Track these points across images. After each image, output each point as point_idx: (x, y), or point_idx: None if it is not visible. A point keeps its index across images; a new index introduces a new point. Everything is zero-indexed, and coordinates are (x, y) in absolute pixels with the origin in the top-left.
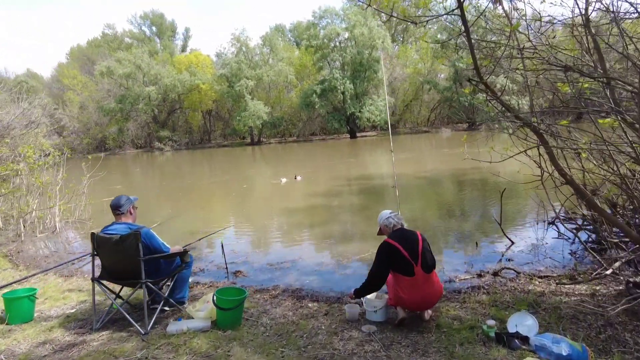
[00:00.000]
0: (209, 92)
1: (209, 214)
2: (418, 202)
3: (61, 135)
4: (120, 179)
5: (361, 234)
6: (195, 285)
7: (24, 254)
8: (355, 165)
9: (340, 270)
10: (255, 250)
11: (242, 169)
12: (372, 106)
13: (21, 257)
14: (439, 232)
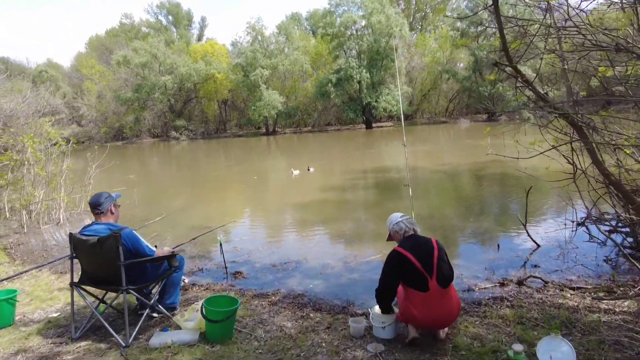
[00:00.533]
0: (224, 81)
1: (216, 208)
2: (434, 199)
3: (80, 125)
4: (136, 168)
5: (372, 234)
6: (191, 287)
7: (23, 247)
8: (370, 157)
9: (347, 274)
10: (258, 248)
11: (256, 160)
12: (389, 96)
13: (20, 251)
14: (456, 232)
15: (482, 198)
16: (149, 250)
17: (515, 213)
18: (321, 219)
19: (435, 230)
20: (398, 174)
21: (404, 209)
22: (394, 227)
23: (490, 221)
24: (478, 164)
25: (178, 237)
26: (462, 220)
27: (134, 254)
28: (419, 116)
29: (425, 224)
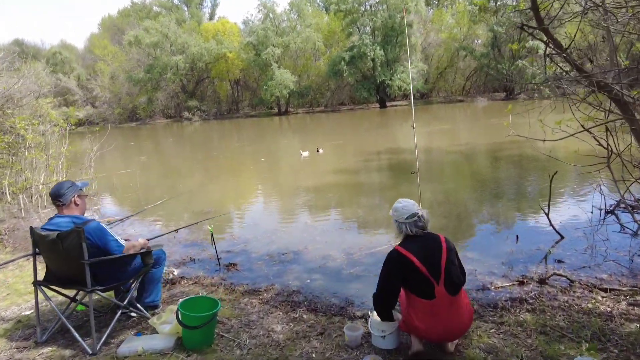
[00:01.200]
0: (235, 60)
1: (219, 192)
2: (447, 182)
3: (94, 106)
4: (149, 150)
5: (381, 222)
6: (180, 281)
7: (18, 233)
8: (383, 138)
9: (349, 267)
10: (257, 237)
11: (267, 141)
12: (404, 73)
13: (14, 237)
14: (470, 219)
15: (499, 182)
16: (117, 245)
17: (535, 199)
18: (328, 204)
19: (447, 217)
20: (411, 155)
21: (416, 195)
22: (396, 224)
23: (508, 208)
24: (495, 144)
25: (173, 223)
26: (477, 206)
27: (101, 250)
28: (434, 95)
29: (436, 210)
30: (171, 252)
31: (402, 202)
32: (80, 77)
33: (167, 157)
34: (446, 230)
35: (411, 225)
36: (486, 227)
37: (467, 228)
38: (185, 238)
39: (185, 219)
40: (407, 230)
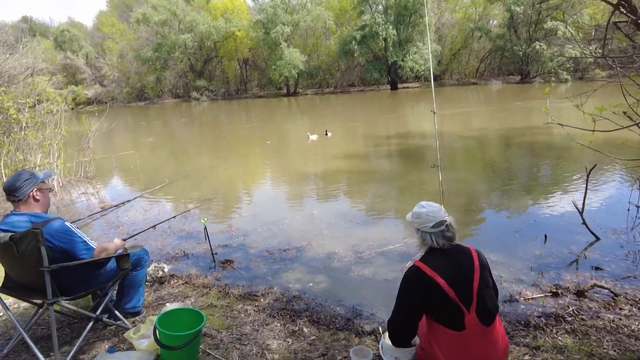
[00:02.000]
0: (244, 39)
1: (222, 176)
2: (464, 171)
3: (102, 85)
4: (160, 129)
5: (393, 215)
6: (169, 280)
7: None
8: (394, 121)
9: (358, 268)
10: (257, 229)
11: (274, 122)
12: (417, 54)
13: None
14: (490, 215)
15: (522, 172)
16: (85, 248)
17: (565, 193)
18: (336, 193)
19: (464, 212)
20: (424, 140)
21: (431, 189)
22: (419, 234)
23: (533, 202)
24: (516, 130)
25: (171, 210)
26: (498, 199)
27: (68, 254)
28: (447, 77)
29: (450, 203)
30: (164, 244)
31: (426, 207)
32: (89, 55)
33: (177, 137)
34: (464, 226)
35: (437, 236)
36: (509, 224)
37: (487, 225)
38: (180, 228)
39: (182, 205)
40: (433, 242)
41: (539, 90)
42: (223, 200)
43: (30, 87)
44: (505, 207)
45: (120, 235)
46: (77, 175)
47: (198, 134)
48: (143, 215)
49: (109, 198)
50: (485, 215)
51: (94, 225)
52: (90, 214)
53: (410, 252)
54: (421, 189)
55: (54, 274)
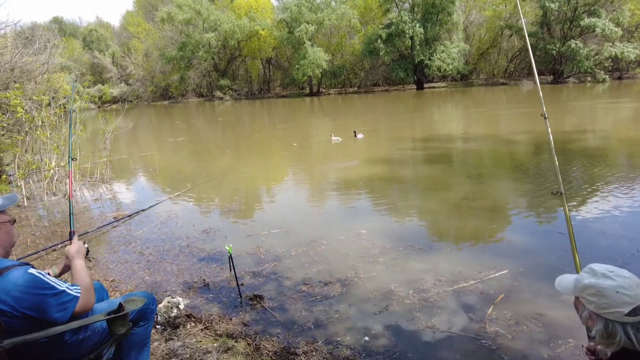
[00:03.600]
0: (268, 38)
1: (243, 182)
2: (494, 182)
3: (127, 83)
4: (182, 128)
5: (461, 238)
6: (185, 322)
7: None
8: (421, 122)
9: (425, 315)
10: (289, 251)
11: (298, 123)
12: (444, 53)
13: None
14: (531, 239)
15: (568, 181)
16: (59, 309)
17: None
18: (384, 207)
19: (496, 229)
20: (454, 144)
21: (481, 194)
22: (604, 325)
23: (582, 228)
24: (560, 134)
25: (194, 225)
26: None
27: (32, 318)
28: (475, 77)
29: (478, 217)
30: (181, 269)
31: (615, 278)
32: (115, 54)
33: (208, 138)
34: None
35: (637, 329)
36: (558, 256)
37: (528, 255)
38: (201, 248)
39: (204, 217)
40: (630, 341)
41: (575, 91)
42: (249, 212)
43: (47, 84)
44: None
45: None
46: (93, 179)
47: (223, 134)
48: (159, 229)
49: (125, 204)
50: (522, 241)
51: (103, 240)
52: (101, 225)
53: (490, 292)
54: (487, 205)
55: (7, 353)
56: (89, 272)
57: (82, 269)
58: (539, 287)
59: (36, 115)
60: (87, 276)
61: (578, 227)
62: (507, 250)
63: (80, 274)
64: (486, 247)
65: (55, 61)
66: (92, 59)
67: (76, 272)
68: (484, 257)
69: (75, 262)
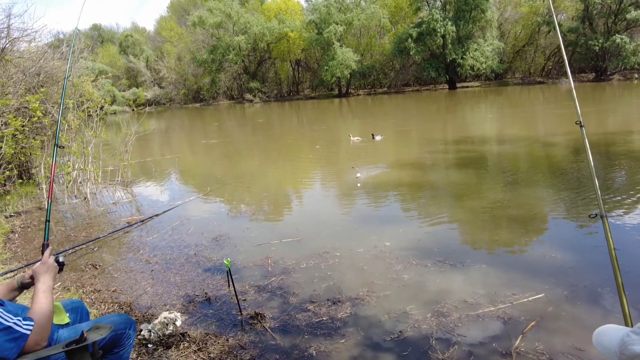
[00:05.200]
0: (297, 40)
1: (262, 185)
2: (529, 190)
3: (160, 87)
4: (220, 131)
5: (481, 247)
6: (178, 342)
7: (30, 232)
8: (453, 123)
9: (443, 345)
10: (299, 263)
11: (327, 124)
12: (477, 52)
13: (24, 237)
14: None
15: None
16: (8, 339)
17: None
18: (401, 215)
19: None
20: (489, 146)
21: (516, 203)
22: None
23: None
24: (598, 137)
25: (207, 225)
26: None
27: None
28: (510, 75)
29: (512, 229)
30: (184, 280)
31: None
32: (149, 58)
33: (241, 141)
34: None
35: None
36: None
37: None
38: (208, 257)
39: (214, 226)
40: None
41: (620, 89)
42: (263, 218)
43: (73, 88)
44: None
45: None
46: (113, 182)
47: (252, 136)
48: (170, 235)
49: (142, 208)
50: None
51: (113, 246)
52: (113, 230)
53: (520, 319)
54: (521, 216)
55: None
56: (99, 279)
57: (44, 293)
58: (578, 314)
59: (60, 119)
60: (48, 304)
61: (626, 244)
62: (542, 270)
63: (39, 302)
64: (519, 264)
65: (81, 65)
66: (127, 63)
67: (36, 297)
68: (516, 277)
69: (38, 283)
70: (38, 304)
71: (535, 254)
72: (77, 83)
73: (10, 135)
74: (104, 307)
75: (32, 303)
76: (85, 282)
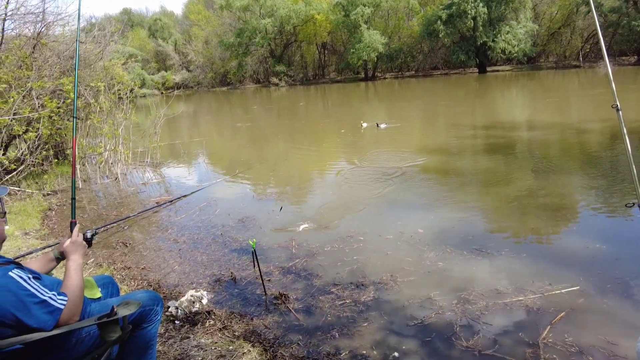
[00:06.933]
0: (323, 22)
1: (287, 169)
2: (567, 181)
3: (189, 70)
4: (251, 114)
5: (510, 236)
6: (204, 319)
7: (66, 209)
8: (482, 108)
9: (467, 331)
10: (323, 247)
11: (353, 108)
12: (510, 34)
13: (59, 214)
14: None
15: None
16: (45, 312)
17: None
18: (425, 201)
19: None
20: (520, 132)
21: (548, 191)
22: None
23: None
24: (637, 123)
25: (233, 206)
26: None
27: (11, 325)
28: (543, 59)
29: (544, 218)
30: (211, 259)
31: None
32: (177, 42)
33: (271, 124)
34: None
35: None
36: None
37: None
38: (234, 237)
39: (240, 207)
40: None
41: None
42: (288, 201)
43: (104, 71)
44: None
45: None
46: (143, 163)
47: (278, 119)
48: (197, 215)
49: (171, 188)
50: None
51: (143, 225)
52: (142, 210)
53: (549, 310)
54: (554, 204)
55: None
56: (129, 257)
57: (74, 271)
58: (611, 308)
59: (92, 101)
60: (79, 281)
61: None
62: (576, 261)
63: (71, 278)
64: (553, 255)
65: (111, 49)
66: (156, 46)
67: (67, 275)
68: (549, 267)
69: (69, 261)
70: (70, 281)
71: (570, 244)
72: (108, 66)
73: (47, 117)
74: (133, 284)
75: (64, 280)
76: (116, 259)
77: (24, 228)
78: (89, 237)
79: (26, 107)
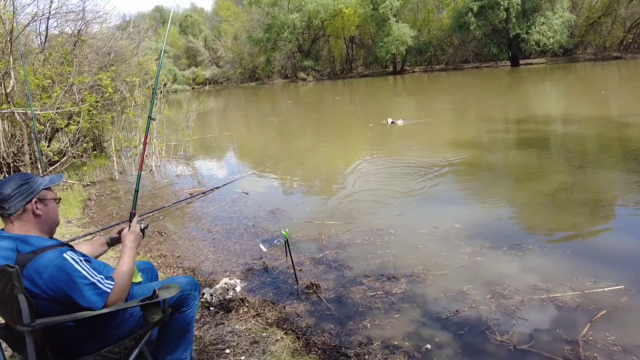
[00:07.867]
0: (351, 16)
1: (315, 162)
2: (606, 177)
3: (218, 66)
4: (267, 109)
5: (548, 232)
6: (239, 306)
7: (104, 200)
8: (515, 102)
9: (503, 325)
10: (354, 239)
11: (381, 102)
12: (544, 25)
13: (98, 204)
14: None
15: None
16: (94, 293)
17: None
18: (457, 196)
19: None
20: (555, 126)
21: (585, 186)
22: None
23: None
24: None
25: (264, 199)
26: None
27: (63, 303)
28: (580, 51)
29: (583, 214)
30: (244, 249)
31: None
32: (207, 38)
33: (300, 119)
34: None
35: None
36: None
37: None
38: (266, 228)
39: (271, 199)
40: None
41: None
42: (318, 194)
43: (139, 66)
44: None
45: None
46: (176, 156)
47: (306, 114)
48: (229, 207)
49: (203, 180)
50: None
51: (177, 215)
52: (176, 201)
53: (590, 307)
54: (592, 199)
55: (43, 333)
56: (165, 245)
57: (129, 259)
58: None
59: (128, 95)
60: (130, 269)
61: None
62: (620, 259)
63: (124, 265)
64: (592, 251)
65: (146, 45)
66: (187, 43)
67: (121, 261)
68: (591, 265)
69: (125, 249)
70: (122, 267)
71: (613, 242)
72: (142, 62)
73: (86, 110)
74: (169, 271)
75: (117, 266)
76: (153, 247)
77: (66, 217)
78: (142, 228)
79: (67, 101)
